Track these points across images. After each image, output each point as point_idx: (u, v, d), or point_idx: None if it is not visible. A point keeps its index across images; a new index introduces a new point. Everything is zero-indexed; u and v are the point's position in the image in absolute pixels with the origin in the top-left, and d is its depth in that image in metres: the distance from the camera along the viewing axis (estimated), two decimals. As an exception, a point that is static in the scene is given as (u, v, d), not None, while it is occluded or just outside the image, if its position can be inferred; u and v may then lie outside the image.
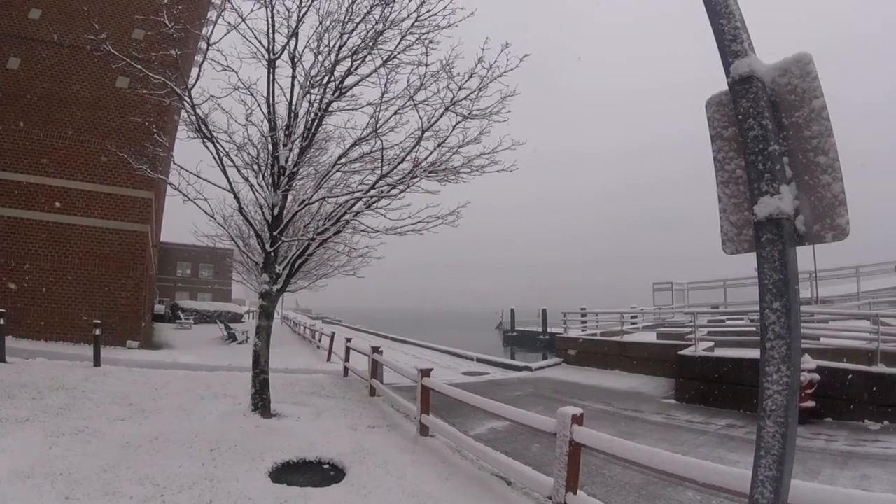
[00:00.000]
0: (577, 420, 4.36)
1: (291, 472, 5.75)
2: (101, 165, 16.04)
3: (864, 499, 2.55)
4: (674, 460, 3.61)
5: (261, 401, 8.19)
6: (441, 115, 7.32)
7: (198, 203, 7.90)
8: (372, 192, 7.71)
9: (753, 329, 13.11)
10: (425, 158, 7.67)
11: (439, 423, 7.16)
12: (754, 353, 11.22)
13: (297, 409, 8.85)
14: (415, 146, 7.53)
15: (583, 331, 20.36)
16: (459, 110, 7.31)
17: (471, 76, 7.01)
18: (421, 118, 7.31)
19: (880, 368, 9.27)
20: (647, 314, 23.86)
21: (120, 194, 16.43)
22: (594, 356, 17.42)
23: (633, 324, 20.49)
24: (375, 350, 10.90)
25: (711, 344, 13.65)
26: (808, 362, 9.45)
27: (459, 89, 7.09)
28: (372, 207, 8.08)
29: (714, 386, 11.24)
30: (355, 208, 8.06)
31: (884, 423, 8.66)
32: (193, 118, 7.12)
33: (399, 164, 7.65)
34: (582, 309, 21.47)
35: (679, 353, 12.52)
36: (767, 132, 1.94)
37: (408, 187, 7.76)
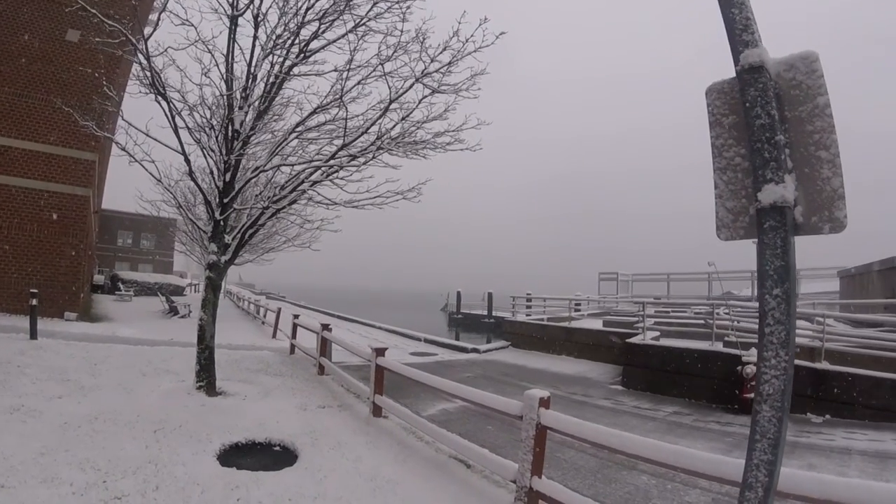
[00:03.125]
0: (545, 403, 4.33)
1: (241, 455, 5.46)
2: (43, 123, 14.85)
3: (832, 483, 2.64)
4: (644, 444, 3.61)
5: (206, 378, 7.81)
6: (411, 86, 7.02)
7: (144, 165, 7.37)
8: (332, 162, 7.38)
9: (702, 322, 13.49)
10: (390, 130, 7.39)
11: (393, 404, 6.98)
12: (701, 345, 11.72)
13: (244, 387, 8.51)
14: (381, 116, 7.22)
15: (528, 315, 20.52)
16: (429, 82, 7.05)
17: (444, 49, 6.75)
18: (390, 87, 7.02)
19: (824, 365, 9.73)
20: (593, 302, 24.31)
21: (62, 155, 15.24)
22: (541, 341, 17.63)
23: (576, 310, 20.82)
24: (325, 327, 10.63)
25: (657, 333, 13.99)
26: (755, 355, 9.73)
27: (432, 61, 6.82)
28: (331, 178, 7.76)
29: (661, 374, 11.54)
30: (313, 177, 7.71)
31: (826, 416, 9.10)
32: (147, 72, 6.62)
33: (363, 133, 7.32)
34: (527, 294, 21.67)
35: (627, 340, 12.78)
36: (774, 122, 1.95)
37: (373, 157, 7.45)
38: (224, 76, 7.34)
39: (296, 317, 13.49)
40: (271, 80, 7.51)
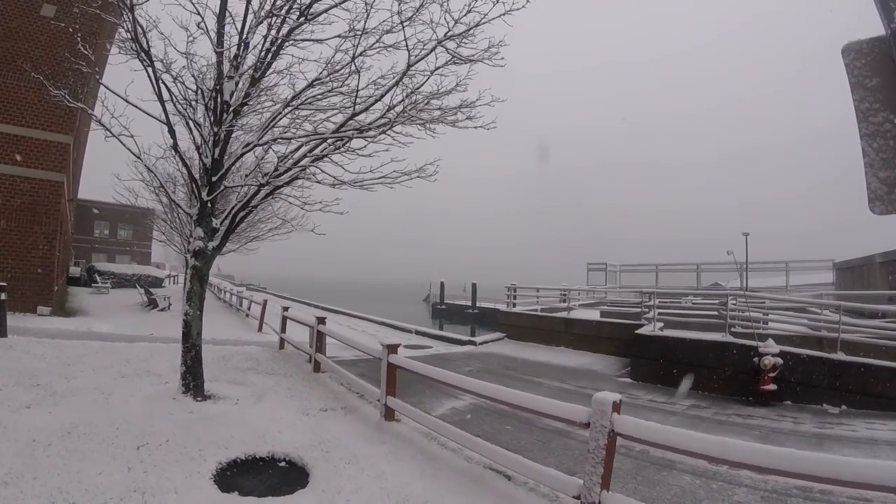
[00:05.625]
0: (617, 408, 3.78)
1: (241, 475, 4.66)
2: (13, 103, 13.73)
3: None
4: (780, 454, 3.04)
5: (193, 380, 6.98)
6: (432, 50, 6.20)
7: (122, 140, 6.50)
8: (340, 134, 6.57)
9: (704, 312, 13.17)
10: (413, 92, 6.61)
11: (408, 406, 6.30)
12: (714, 336, 11.26)
13: (235, 389, 7.73)
14: (398, 81, 6.37)
15: (513, 306, 19.81)
16: (451, 46, 6.27)
17: (468, 10, 5.96)
18: (409, 50, 6.18)
19: (840, 356, 9.51)
20: (583, 292, 23.86)
21: (34, 137, 14.12)
22: (538, 332, 17.08)
23: (563, 301, 20.50)
24: (320, 321, 9.88)
25: (662, 324, 13.55)
26: (772, 347, 9.59)
27: (455, 23, 6.04)
28: (339, 151, 6.98)
29: (672, 366, 11.10)
30: (316, 152, 6.93)
31: (842, 407, 8.98)
32: (129, 30, 5.75)
33: (376, 101, 6.50)
34: (511, 284, 21.16)
35: (637, 332, 12.26)
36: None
37: (389, 127, 6.69)
38: (213, 39, 6.50)
39: (285, 309, 12.74)
40: (266, 46, 6.70)
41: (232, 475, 4.64)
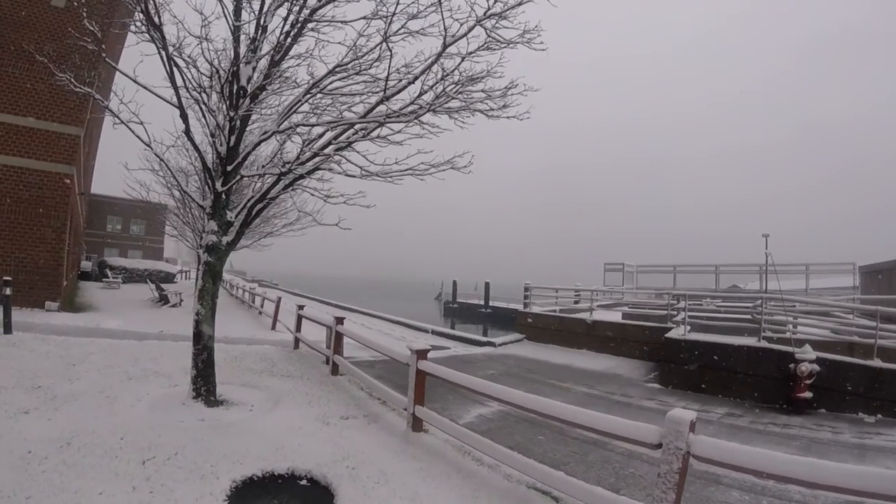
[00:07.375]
0: (693, 427, 3.37)
1: (259, 495, 4.13)
2: (23, 95, 13.44)
3: None
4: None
5: (204, 384, 6.51)
6: (471, 30, 5.63)
7: (131, 127, 6.03)
8: (370, 118, 6.07)
9: (747, 316, 12.62)
10: (445, 76, 6.09)
11: (436, 416, 5.80)
12: (747, 341, 10.74)
13: (248, 393, 7.26)
14: (434, 61, 5.83)
15: (527, 307, 19.25)
16: (488, 25, 5.74)
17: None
18: (445, 29, 5.61)
19: (877, 363, 9.13)
20: (601, 293, 23.36)
21: (44, 129, 13.79)
22: (558, 333, 16.55)
23: (575, 302, 19.89)
24: (339, 321, 9.37)
25: (689, 328, 13.03)
26: (809, 353, 9.20)
27: (496, 2, 5.52)
28: (369, 138, 6.49)
29: (702, 371, 10.67)
30: (341, 139, 6.43)
31: (878, 416, 8.66)
32: (141, 4, 5.30)
33: (415, 79, 5.96)
34: (527, 284, 20.64)
35: (666, 335, 11.73)
36: None
37: (426, 112, 6.13)
38: (230, 18, 6.06)
39: (300, 308, 12.31)
40: (286, 29, 6.25)
41: (248, 496, 4.13)
